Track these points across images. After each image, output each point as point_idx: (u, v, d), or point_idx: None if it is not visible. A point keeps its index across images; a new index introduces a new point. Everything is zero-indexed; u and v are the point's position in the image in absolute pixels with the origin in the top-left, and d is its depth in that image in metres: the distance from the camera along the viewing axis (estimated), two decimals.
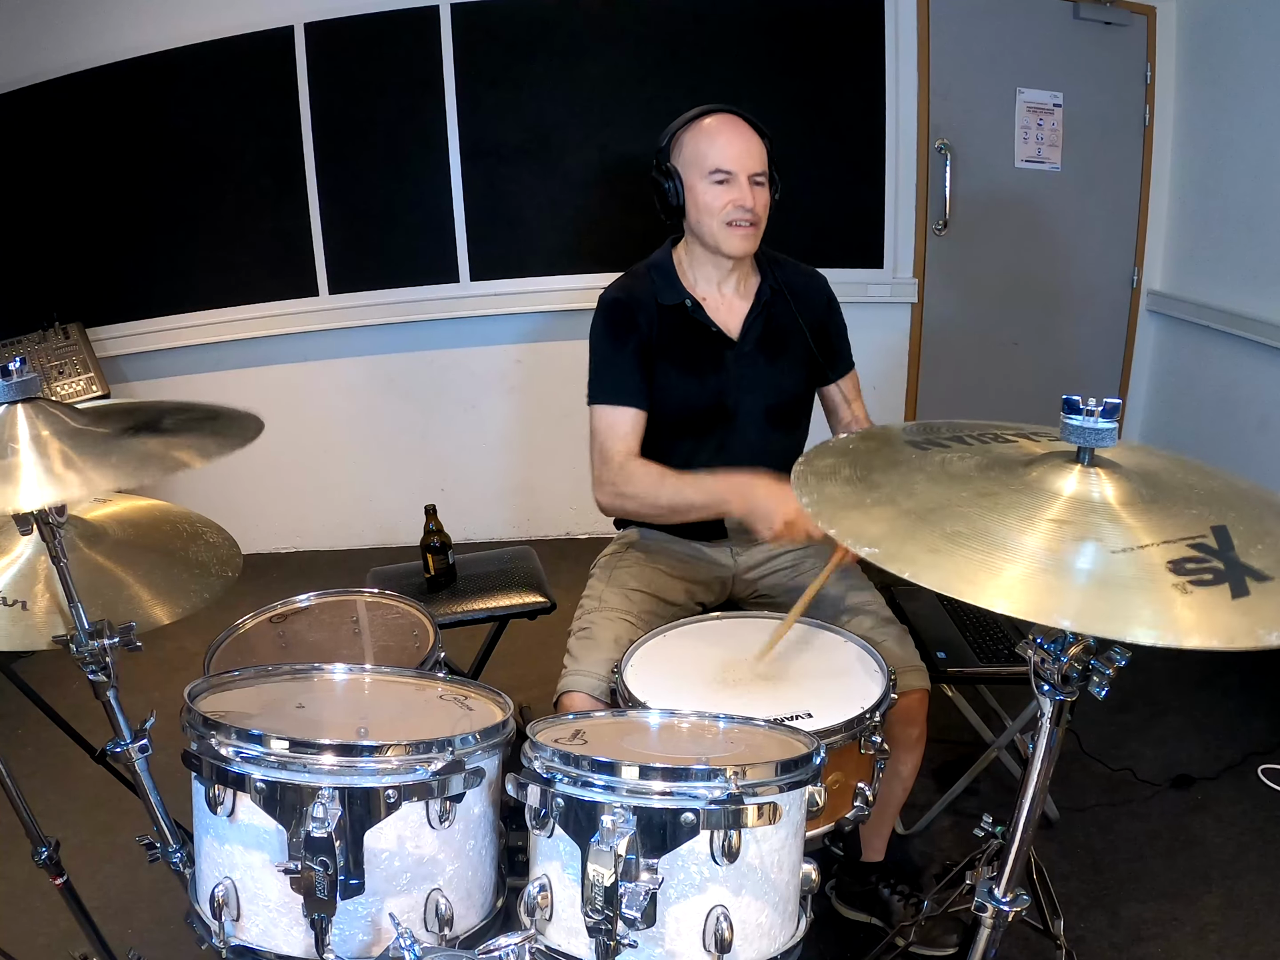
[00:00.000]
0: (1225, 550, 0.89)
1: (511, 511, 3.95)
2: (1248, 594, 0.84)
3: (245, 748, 1.07)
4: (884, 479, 1.04)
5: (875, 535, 0.94)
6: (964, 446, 1.09)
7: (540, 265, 3.59)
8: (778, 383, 1.90)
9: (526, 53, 3.40)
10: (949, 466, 1.04)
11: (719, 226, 1.78)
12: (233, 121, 3.45)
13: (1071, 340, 3.71)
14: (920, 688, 1.70)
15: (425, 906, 1.12)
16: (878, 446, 1.14)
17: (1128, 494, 0.95)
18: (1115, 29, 3.37)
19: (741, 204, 1.75)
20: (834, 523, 0.97)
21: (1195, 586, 0.85)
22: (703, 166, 1.77)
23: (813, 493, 1.03)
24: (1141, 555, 0.89)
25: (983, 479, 1.00)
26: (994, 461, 1.03)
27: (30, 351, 3.36)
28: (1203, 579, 0.86)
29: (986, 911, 1.10)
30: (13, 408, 1.11)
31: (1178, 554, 0.89)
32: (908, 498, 0.99)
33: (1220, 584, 0.85)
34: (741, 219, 1.77)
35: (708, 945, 1.05)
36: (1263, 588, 0.85)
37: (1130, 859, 2.08)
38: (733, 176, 1.75)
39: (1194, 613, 0.83)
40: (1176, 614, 0.83)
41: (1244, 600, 0.84)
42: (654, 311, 1.84)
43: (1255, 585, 0.85)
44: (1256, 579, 0.86)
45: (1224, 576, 0.86)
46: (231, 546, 1.54)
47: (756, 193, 1.77)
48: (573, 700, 1.64)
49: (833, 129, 3.43)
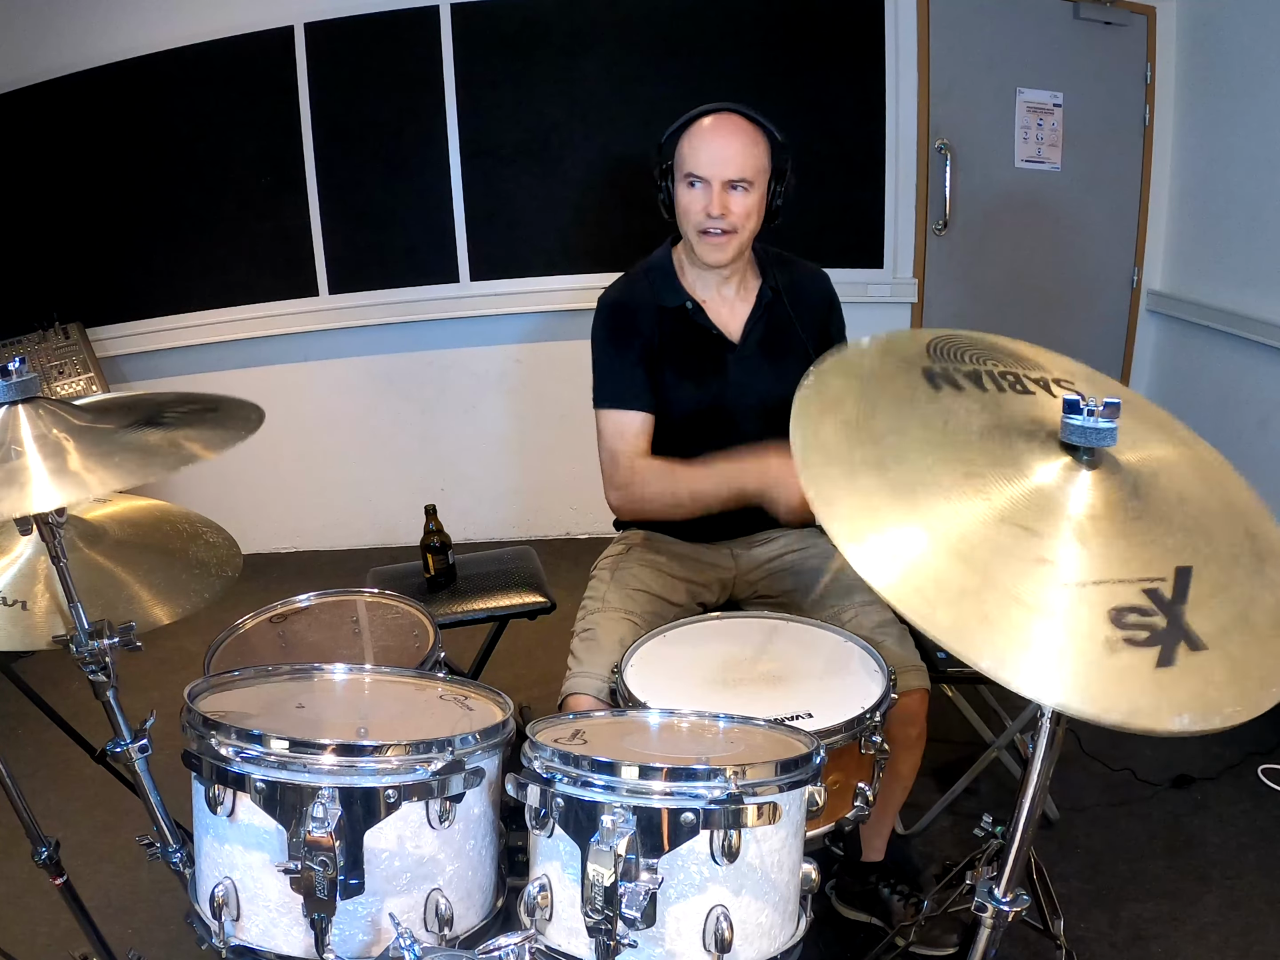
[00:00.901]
0: (1176, 602, 0.86)
1: (511, 511, 3.95)
2: (1172, 664, 0.82)
3: (245, 748, 1.07)
4: (884, 426, 0.99)
5: (847, 510, 0.91)
6: (978, 392, 1.04)
7: (540, 265, 3.59)
8: (778, 385, 1.87)
9: (526, 53, 3.40)
10: (951, 421, 1.00)
11: (693, 233, 1.76)
12: (233, 121, 3.45)
13: (1071, 340, 3.71)
14: (920, 688, 1.69)
15: (425, 906, 1.12)
16: (894, 371, 1.08)
17: (1112, 507, 0.92)
18: (1115, 29, 3.37)
19: (708, 210, 1.72)
20: (814, 481, 0.93)
21: (1126, 646, 0.82)
22: (682, 170, 1.74)
23: (808, 429, 0.98)
24: (1090, 593, 0.86)
25: (977, 449, 0.97)
26: (997, 425, 0.99)
27: (30, 351, 3.36)
28: (1136, 638, 0.83)
29: (986, 911, 1.10)
30: (13, 408, 1.11)
31: (1126, 600, 0.85)
32: (896, 463, 0.95)
33: (1151, 647, 0.83)
34: (712, 227, 1.73)
35: (708, 945, 1.05)
36: (1190, 660, 0.82)
37: (1130, 859, 2.08)
38: (704, 182, 1.71)
39: (1110, 680, 0.80)
40: (1092, 679, 0.81)
41: (1166, 672, 0.81)
42: (654, 314, 1.83)
43: (1185, 656, 0.82)
44: (1191, 647, 0.83)
45: (1158, 639, 0.83)
46: (231, 546, 1.54)
47: (733, 199, 1.72)
48: (578, 702, 1.64)
49: (833, 129, 3.43)
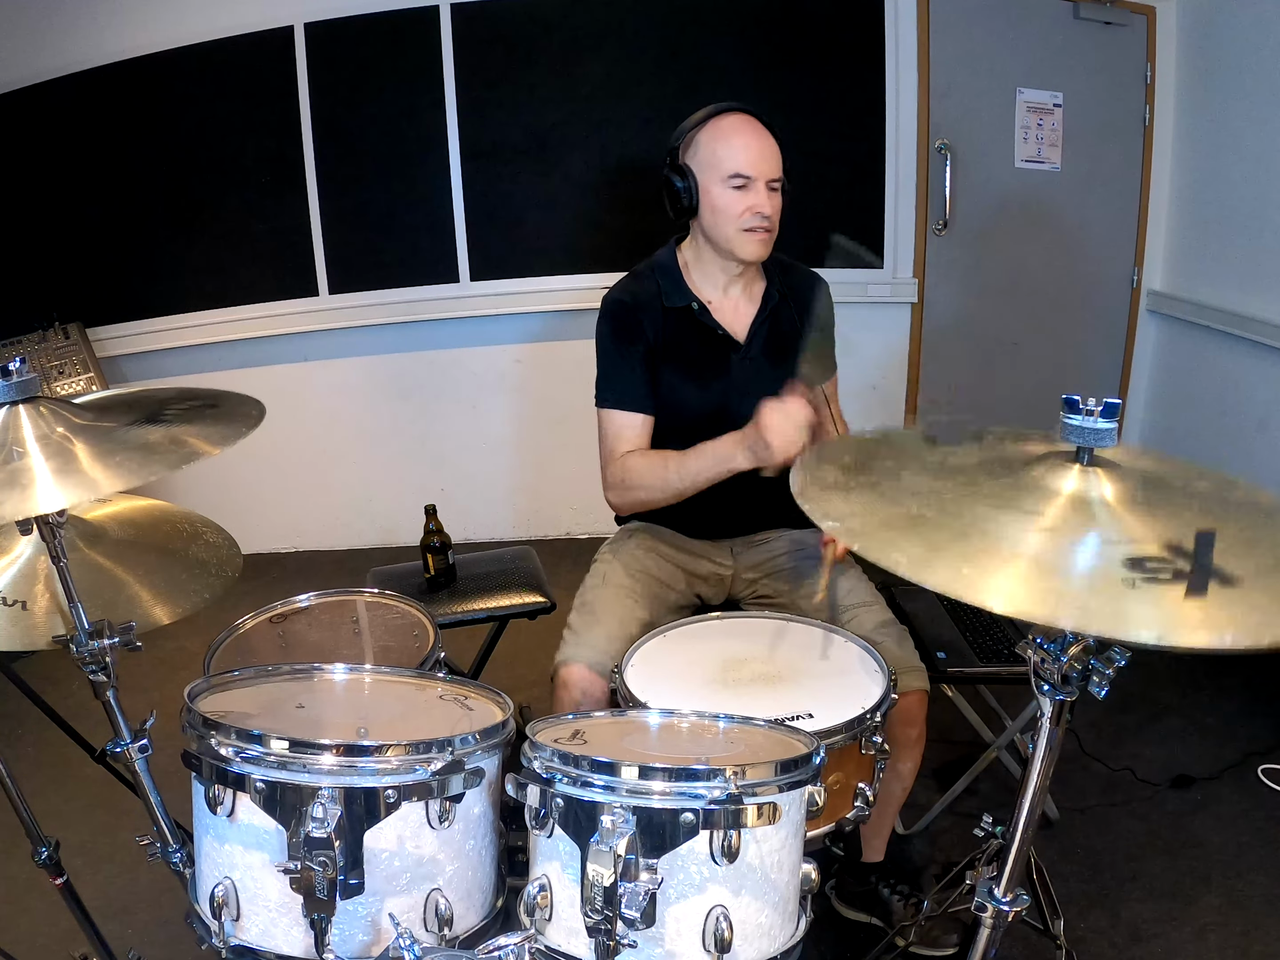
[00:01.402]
0: (1201, 552, 0.87)
1: (511, 511, 3.95)
2: (1203, 594, 0.82)
3: (245, 748, 1.07)
4: (880, 466, 1.05)
5: (841, 510, 0.98)
6: (977, 447, 1.09)
7: (540, 265, 3.59)
8: (782, 387, 1.89)
9: (526, 53, 3.40)
10: (948, 461, 1.04)
11: (735, 232, 1.77)
12: (232, 121, 3.44)
13: (1071, 340, 3.71)
14: (920, 688, 1.70)
15: (425, 906, 1.12)
16: (893, 439, 1.17)
17: (1121, 492, 0.94)
18: (1115, 29, 3.37)
19: (760, 210, 1.74)
20: (807, 501, 1.01)
21: (1148, 584, 0.83)
22: (721, 170, 1.74)
23: (803, 477, 1.07)
24: (1105, 549, 0.87)
25: (976, 472, 1.00)
26: (996, 459, 1.03)
27: (30, 351, 3.36)
28: (1158, 576, 0.84)
29: (986, 911, 1.10)
30: (14, 408, 1.11)
31: (1143, 552, 0.87)
32: (891, 482, 1.00)
33: (1177, 582, 0.83)
34: (759, 225, 1.75)
35: (707, 945, 1.05)
36: (1224, 593, 0.83)
37: (1130, 859, 2.08)
38: (751, 182, 1.73)
39: (1137, 605, 0.81)
40: (1116, 608, 0.81)
41: (1199, 602, 0.82)
42: (659, 314, 1.83)
43: (1217, 590, 0.83)
44: (1222, 583, 0.84)
45: (1183, 577, 0.84)
46: (231, 546, 1.54)
47: (773, 198, 1.76)
48: (570, 672, 1.64)
49: (833, 129, 3.43)
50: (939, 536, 0.91)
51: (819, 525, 0.99)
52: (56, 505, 1.04)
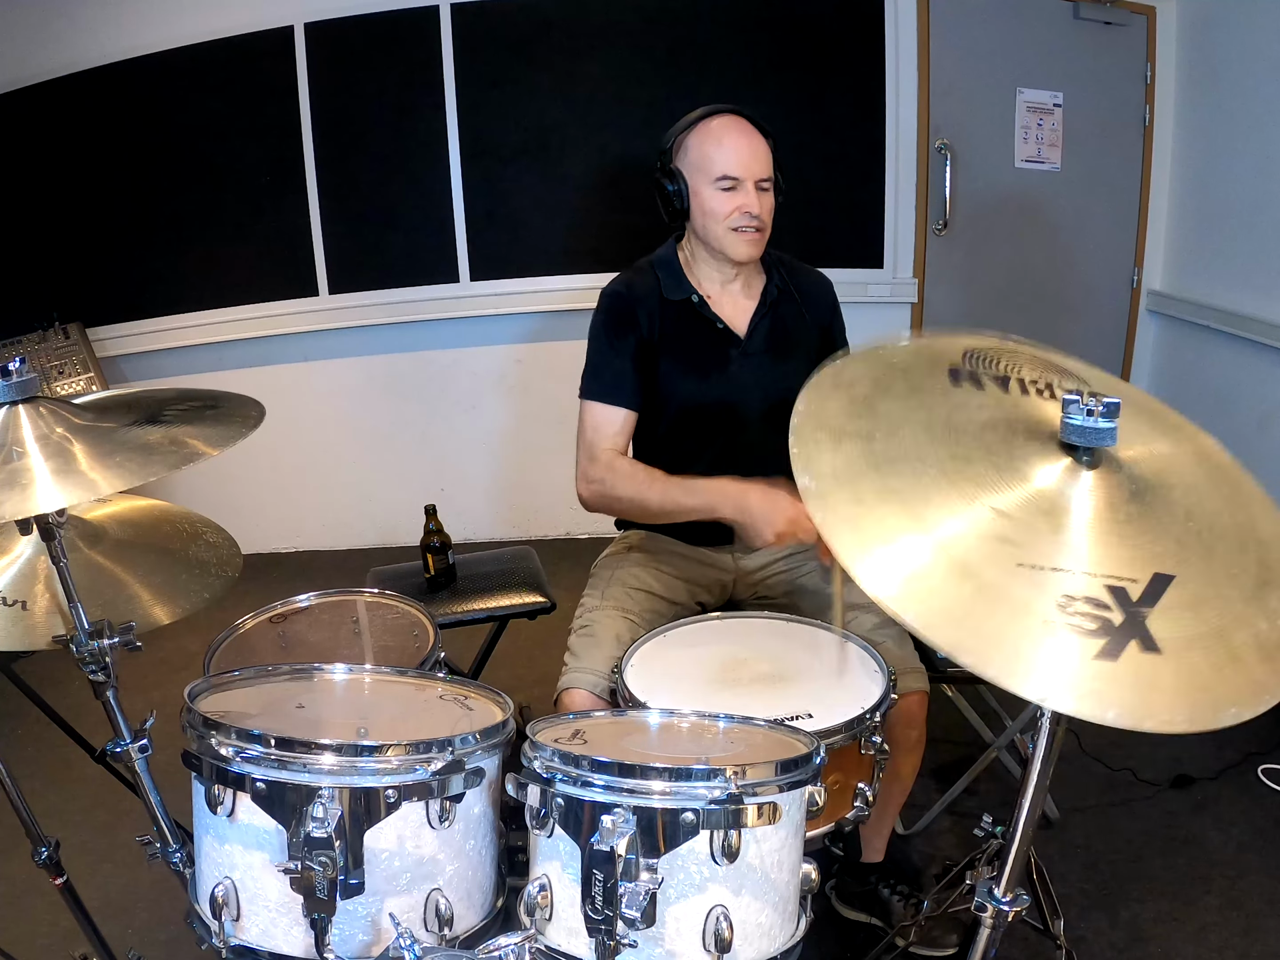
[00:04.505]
0: (1142, 604, 0.81)
1: (511, 511, 3.95)
2: (1115, 659, 0.78)
3: (245, 748, 1.07)
4: (886, 408, 1.00)
5: (822, 469, 0.92)
6: (999, 392, 1.03)
7: (540, 265, 3.59)
8: (782, 384, 1.87)
9: (526, 53, 3.40)
10: (955, 414, 1.00)
11: (725, 232, 1.77)
12: (233, 121, 3.45)
13: (1071, 340, 3.69)
14: (920, 689, 1.70)
15: (425, 906, 1.12)
16: (919, 363, 1.09)
17: (1102, 507, 0.91)
18: (1115, 29, 3.37)
19: (748, 210, 1.74)
20: (797, 442, 0.95)
21: (1068, 630, 0.79)
22: (709, 171, 1.75)
23: (810, 403, 1.00)
24: (1044, 577, 0.83)
25: (973, 440, 0.96)
26: (1002, 421, 0.99)
27: (30, 351, 3.36)
28: (1083, 626, 0.80)
29: (986, 911, 1.10)
30: (14, 409, 1.11)
31: (1082, 590, 0.82)
32: (886, 438, 0.96)
33: (1096, 639, 0.79)
34: (748, 225, 1.76)
35: (707, 945, 1.05)
36: (1138, 660, 0.78)
37: (1130, 859, 2.08)
38: (739, 183, 1.74)
39: (1040, 654, 0.78)
40: (1020, 650, 0.78)
41: (1106, 664, 0.78)
42: (656, 307, 1.83)
43: (1133, 654, 0.78)
44: (1144, 648, 0.79)
45: (1107, 633, 0.80)
46: (231, 546, 1.54)
47: (762, 198, 1.76)
48: (573, 698, 1.64)
49: (833, 129, 3.43)
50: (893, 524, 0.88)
51: (795, 477, 0.94)
52: (56, 505, 1.04)
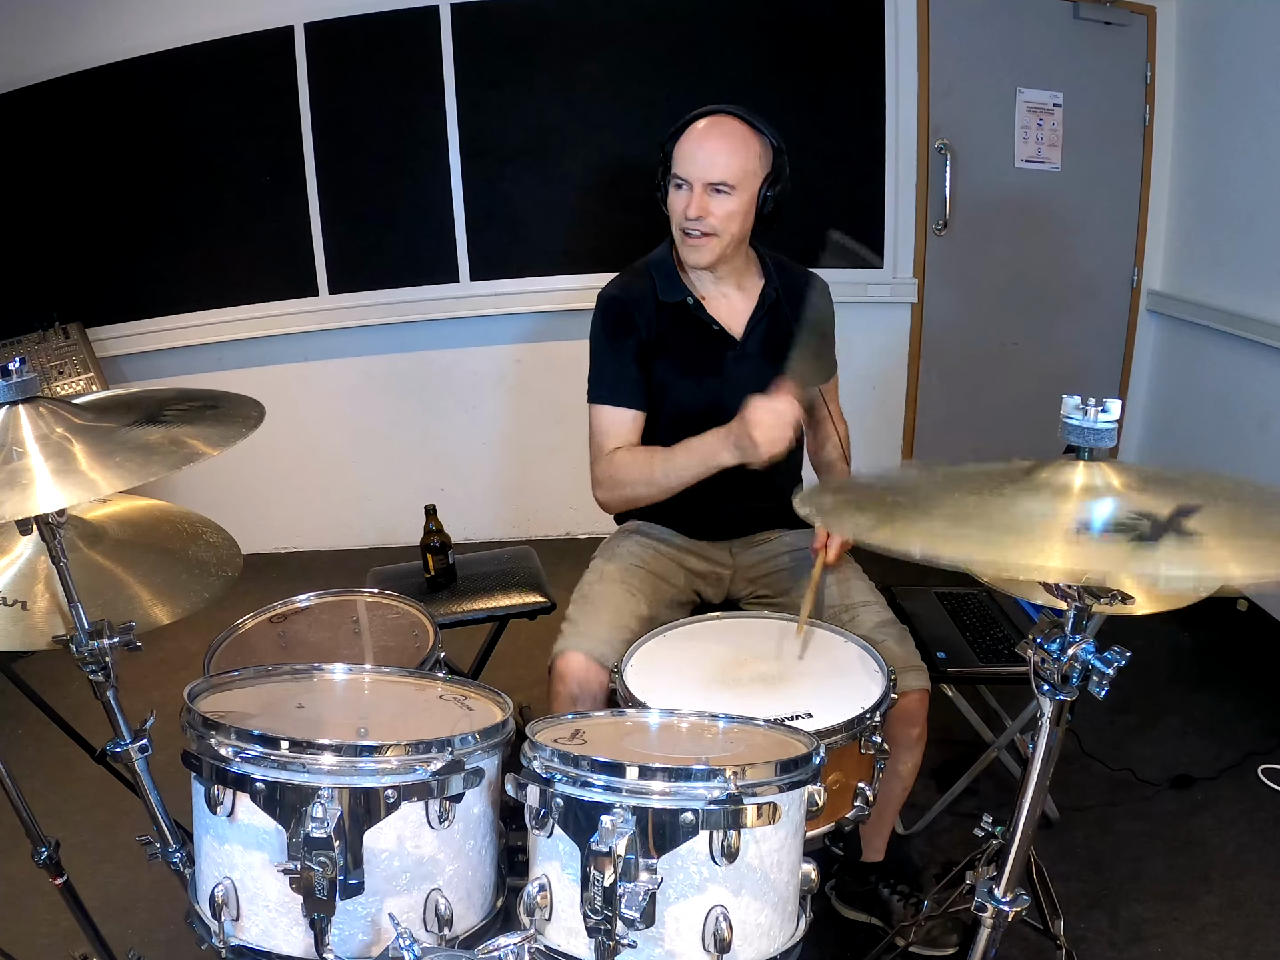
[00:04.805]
0: (1173, 519, 0.85)
1: (511, 511, 3.95)
2: (1155, 543, 0.82)
3: (245, 748, 1.07)
4: (888, 485, 1.07)
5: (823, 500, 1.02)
6: None
7: (540, 265, 3.59)
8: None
9: (526, 53, 3.39)
10: (952, 473, 1.05)
11: (677, 233, 1.78)
12: (233, 121, 3.44)
13: (1071, 340, 3.71)
14: (920, 688, 1.70)
15: (425, 906, 1.12)
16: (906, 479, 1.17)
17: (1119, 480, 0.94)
18: (1115, 29, 3.37)
19: (686, 213, 1.73)
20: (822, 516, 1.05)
21: (1097, 535, 0.83)
22: (671, 171, 1.77)
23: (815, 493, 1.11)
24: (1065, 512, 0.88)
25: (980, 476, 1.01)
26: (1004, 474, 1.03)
27: (30, 351, 3.36)
28: (1111, 528, 0.84)
29: (986, 911, 1.10)
30: (14, 408, 1.11)
31: (1104, 513, 0.87)
32: (896, 493, 1.01)
33: (1127, 534, 0.83)
34: (691, 229, 1.75)
35: (707, 945, 1.05)
36: (1179, 541, 0.82)
37: (1130, 859, 2.08)
38: (687, 184, 1.73)
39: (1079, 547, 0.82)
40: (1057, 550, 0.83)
41: (1148, 546, 0.81)
42: (652, 310, 1.83)
43: (1171, 541, 0.82)
44: (1179, 535, 0.83)
45: (1138, 531, 0.84)
46: (231, 546, 1.54)
47: (714, 202, 1.73)
48: (568, 661, 1.64)
49: (833, 129, 3.43)
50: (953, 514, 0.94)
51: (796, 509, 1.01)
52: (56, 505, 1.04)
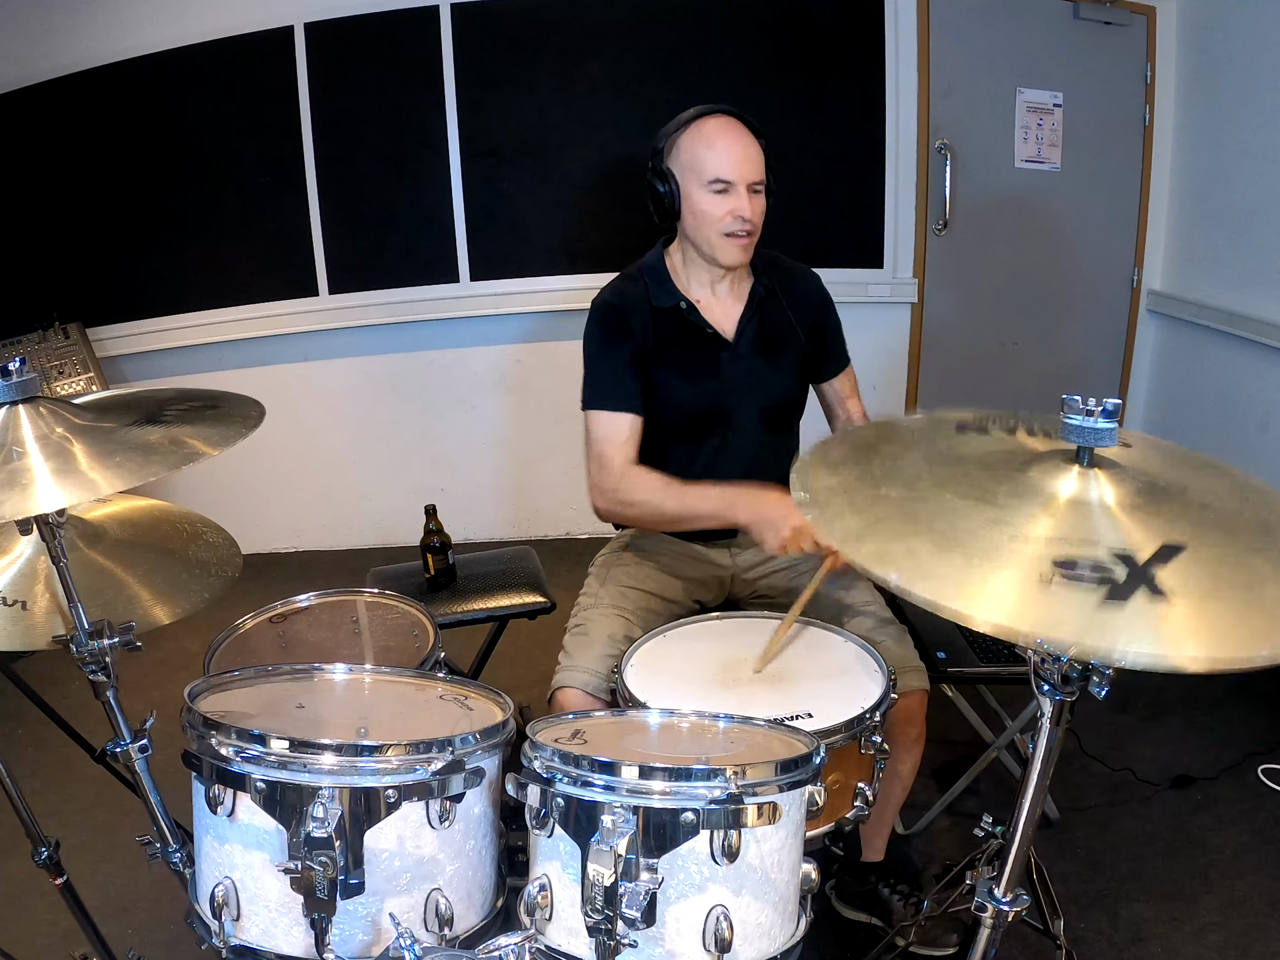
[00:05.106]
0: (1150, 565, 0.82)
1: (511, 511, 3.95)
2: (1124, 602, 0.79)
3: (245, 748, 1.07)
4: (888, 449, 1.07)
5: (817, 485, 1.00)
6: (1005, 435, 1.10)
7: (540, 265, 3.59)
8: (773, 384, 1.89)
9: (526, 53, 3.40)
10: (958, 448, 1.04)
11: (716, 236, 1.76)
12: (233, 121, 3.44)
13: (1071, 340, 3.71)
14: (920, 688, 1.70)
15: (425, 906, 1.12)
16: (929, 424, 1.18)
17: (1110, 496, 0.92)
18: (1115, 29, 3.37)
19: (740, 214, 1.73)
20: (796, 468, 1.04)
21: (1065, 584, 0.80)
22: (701, 174, 1.74)
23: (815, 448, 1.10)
24: (1035, 545, 0.85)
25: (974, 463, 1.00)
26: (1006, 452, 1.02)
27: (30, 351, 3.36)
28: (1081, 576, 0.81)
29: (986, 911, 1.10)
30: (14, 408, 1.11)
31: (1081, 554, 0.84)
32: (884, 462, 1.02)
33: (1098, 586, 0.80)
34: (740, 230, 1.74)
35: (708, 945, 1.05)
36: (1148, 603, 0.79)
37: (1130, 859, 2.08)
38: (732, 186, 1.72)
39: (1044, 605, 0.79)
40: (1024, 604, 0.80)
41: (1116, 606, 0.78)
42: (648, 315, 1.82)
43: (1141, 599, 0.79)
44: (1152, 593, 0.79)
45: (1108, 582, 0.80)
46: (231, 546, 1.54)
47: (754, 202, 1.74)
48: (566, 696, 1.64)
49: (833, 129, 3.43)
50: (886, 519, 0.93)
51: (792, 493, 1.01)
52: (56, 505, 1.04)
